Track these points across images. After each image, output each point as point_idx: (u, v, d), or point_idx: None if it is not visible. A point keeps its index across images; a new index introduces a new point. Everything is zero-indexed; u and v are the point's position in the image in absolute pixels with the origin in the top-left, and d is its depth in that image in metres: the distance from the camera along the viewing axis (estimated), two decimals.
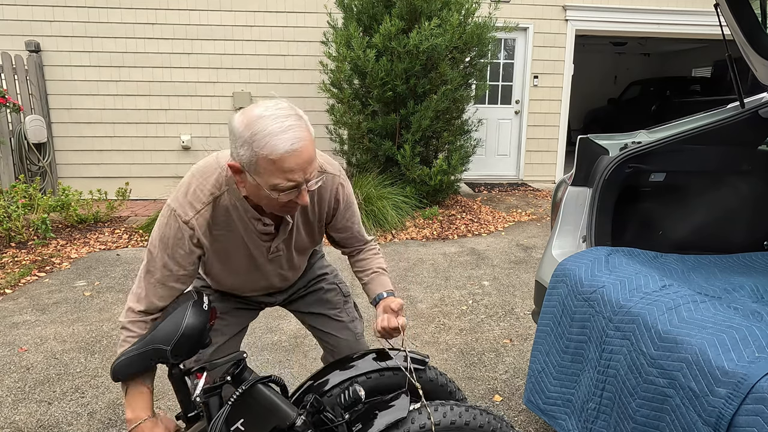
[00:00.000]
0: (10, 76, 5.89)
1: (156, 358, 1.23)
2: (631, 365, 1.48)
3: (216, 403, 1.24)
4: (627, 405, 1.46)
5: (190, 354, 1.28)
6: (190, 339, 1.23)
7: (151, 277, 1.29)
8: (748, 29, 2.06)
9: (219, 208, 1.29)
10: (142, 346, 1.23)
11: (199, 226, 1.27)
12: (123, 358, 1.24)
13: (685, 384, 1.27)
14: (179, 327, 1.22)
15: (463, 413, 1.24)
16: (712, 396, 1.18)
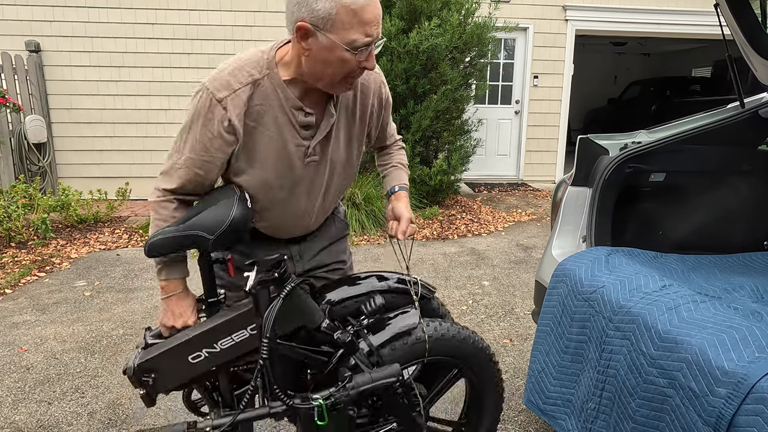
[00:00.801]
0: (10, 76, 5.89)
1: (193, 245, 1.24)
2: (630, 365, 1.48)
3: (265, 296, 1.25)
4: (627, 405, 1.46)
5: (228, 246, 1.29)
6: (235, 232, 1.23)
7: (178, 158, 1.25)
8: (748, 29, 2.06)
9: (258, 92, 1.21)
10: (183, 229, 1.22)
11: (234, 107, 1.19)
12: (159, 237, 1.23)
13: (685, 384, 1.27)
14: (226, 218, 1.22)
15: (450, 328, 1.47)
16: (712, 396, 1.18)
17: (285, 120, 1.25)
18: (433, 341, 1.43)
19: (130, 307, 3.43)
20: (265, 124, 1.24)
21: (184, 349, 1.25)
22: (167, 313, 1.31)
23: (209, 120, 1.20)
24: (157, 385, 1.25)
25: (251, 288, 1.23)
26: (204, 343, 1.26)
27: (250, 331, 1.27)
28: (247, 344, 1.27)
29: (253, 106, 1.22)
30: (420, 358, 1.42)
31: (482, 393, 1.61)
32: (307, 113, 1.26)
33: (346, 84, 1.21)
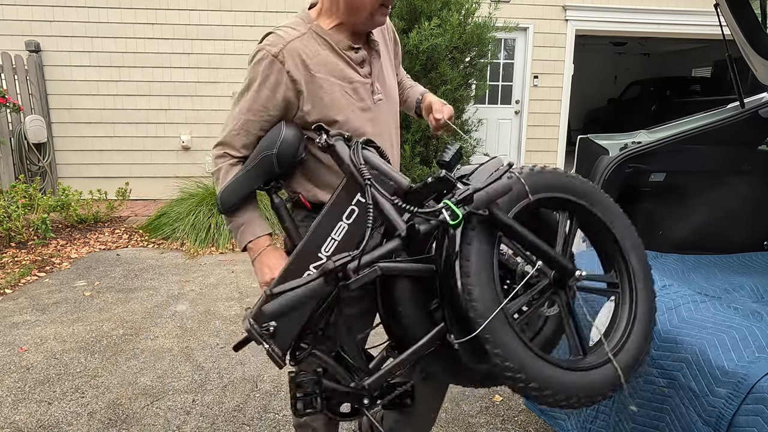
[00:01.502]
0: (10, 76, 5.89)
1: (261, 175, 1.27)
2: None
3: (344, 147, 1.22)
4: (626, 405, 1.46)
5: (290, 166, 1.30)
6: (291, 145, 1.26)
7: (236, 121, 1.31)
8: (748, 29, 2.06)
9: (308, 44, 1.28)
10: (247, 164, 1.28)
11: (290, 57, 1.26)
12: (229, 184, 1.28)
13: (685, 384, 1.27)
14: (279, 134, 1.26)
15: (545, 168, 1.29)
16: (712, 396, 1.18)
17: (341, 62, 1.31)
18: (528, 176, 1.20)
19: (130, 307, 3.43)
20: (325, 72, 1.30)
21: (290, 276, 1.20)
22: (262, 269, 1.33)
23: (267, 77, 1.26)
24: (280, 333, 1.17)
25: (325, 141, 1.20)
26: (307, 258, 1.21)
27: (347, 220, 1.22)
28: (352, 235, 1.20)
29: (308, 57, 1.28)
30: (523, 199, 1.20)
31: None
32: (356, 49, 1.33)
33: (381, 12, 1.28)
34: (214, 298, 3.56)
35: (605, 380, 1.14)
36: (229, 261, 4.37)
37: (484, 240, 1.11)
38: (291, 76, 1.26)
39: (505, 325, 1.08)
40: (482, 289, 1.07)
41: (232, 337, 2.98)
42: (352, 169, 1.17)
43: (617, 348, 1.19)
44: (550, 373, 1.10)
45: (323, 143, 1.21)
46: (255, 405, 2.34)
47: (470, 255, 1.08)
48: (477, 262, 1.09)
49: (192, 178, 5.54)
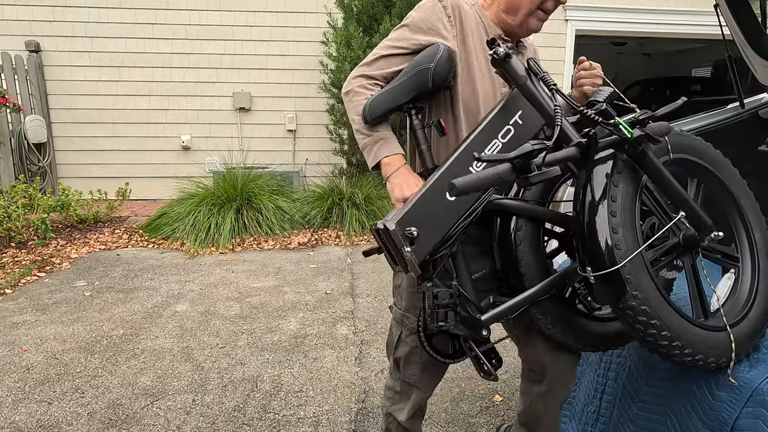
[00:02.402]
0: (10, 76, 5.89)
1: (415, 87, 1.29)
2: (631, 368, 1.47)
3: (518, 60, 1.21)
4: (627, 408, 1.46)
5: (442, 84, 1.32)
6: (447, 63, 1.28)
7: (388, 45, 1.38)
8: (748, 29, 2.06)
9: (468, 14, 1.36)
10: (401, 77, 1.31)
11: (452, 5, 1.34)
12: (379, 95, 1.32)
13: (686, 388, 1.27)
14: (438, 50, 1.28)
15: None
16: (714, 400, 1.18)
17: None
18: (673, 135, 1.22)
19: (130, 307, 3.43)
20: (474, 46, 1.36)
21: (438, 186, 1.19)
22: (398, 186, 1.33)
23: (428, 9, 1.35)
24: (422, 240, 1.17)
25: (505, 50, 1.17)
26: (458, 171, 1.19)
27: (502, 139, 1.22)
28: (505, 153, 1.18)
29: (465, 20, 1.36)
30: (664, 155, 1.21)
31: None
32: (505, 41, 1.40)
33: (537, 17, 1.35)
34: (214, 298, 3.56)
35: (725, 346, 1.16)
36: (229, 261, 4.37)
37: (629, 182, 1.13)
38: (449, 15, 1.35)
39: (644, 269, 1.10)
40: (626, 231, 1.09)
41: (232, 337, 2.99)
42: (531, 79, 1.18)
43: (736, 320, 1.20)
44: (682, 325, 1.12)
45: (501, 54, 1.17)
46: (255, 405, 2.34)
47: (617, 195, 1.11)
48: (622, 203, 1.11)
49: (192, 178, 5.54)
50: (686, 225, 1.20)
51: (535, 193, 1.34)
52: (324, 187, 5.48)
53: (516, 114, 1.25)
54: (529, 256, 1.28)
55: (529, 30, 1.39)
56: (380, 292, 3.67)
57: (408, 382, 1.54)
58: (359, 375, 2.60)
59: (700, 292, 1.23)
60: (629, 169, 1.14)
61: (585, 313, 1.35)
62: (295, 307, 3.43)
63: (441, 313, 1.21)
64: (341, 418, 2.25)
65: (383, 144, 1.37)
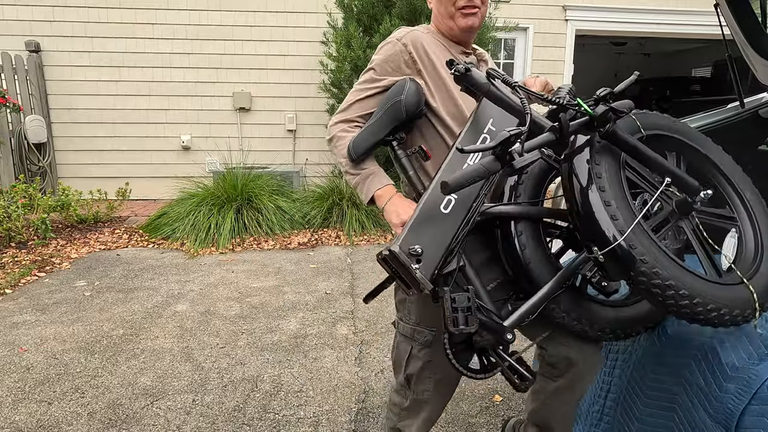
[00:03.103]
0: (10, 76, 5.89)
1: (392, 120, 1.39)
2: (637, 364, 1.47)
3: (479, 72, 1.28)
4: (633, 405, 1.46)
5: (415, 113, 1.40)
6: (416, 93, 1.38)
7: (360, 88, 1.48)
8: (748, 29, 2.06)
9: (428, 41, 1.46)
10: (376, 114, 1.42)
11: (412, 42, 1.44)
12: (360, 134, 1.42)
13: (693, 381, 1.26)
14: (405, 84, 1.39)
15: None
16: (721, 392, 1.18)
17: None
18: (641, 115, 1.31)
19: (130, 307, 3.43)
20: (442, 65, 1.44)
21: (432, 204, 1.25)
22: (393, 213, 1.40)
23: (392, 55, 1.45)
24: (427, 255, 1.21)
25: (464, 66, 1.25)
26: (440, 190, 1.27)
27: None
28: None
29: (428, 49, 1.44)
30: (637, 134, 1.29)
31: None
32: (467, 53, 1.52)
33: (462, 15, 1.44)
34: (214, 298, 3.56)
35: (746, 298, 1.18)
36: (229, 261, 4.37)
37: (610, 160, 1.19)
38: (411, 55, 1.43)
39: (645, 236, 1.14)
40: (618, 203, 1.14)
41: (232, 337, 2.99)
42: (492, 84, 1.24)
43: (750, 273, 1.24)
44: (698, 283, 1.14)
45: (461, 69, 1.25)
46: (255, 405, 2.34)
47: (601, 172, 1.16)
48: (608, 179, 1.17)
49: (192, 178, 5.54)
50: (674, 191, 1.26)
51: (528, 195, 1.39)
52: (324, 187, 5.48)
53: (488, 122, 1.31)
54: (536, 257, 1.31)
55: (462, 30, 1.46)
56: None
57: (420, 399, 1.52)
58: (359, 375, 2.60)
59: (708, 254, 1.26)
60: (606, 150, 1.20)
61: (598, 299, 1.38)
62: (295, 307, 3.43)
63: (461, 317, 1.22)
64: (341, 418, 2.25)
65: (373, 178, 1.45)
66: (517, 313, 1.29)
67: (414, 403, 1.54)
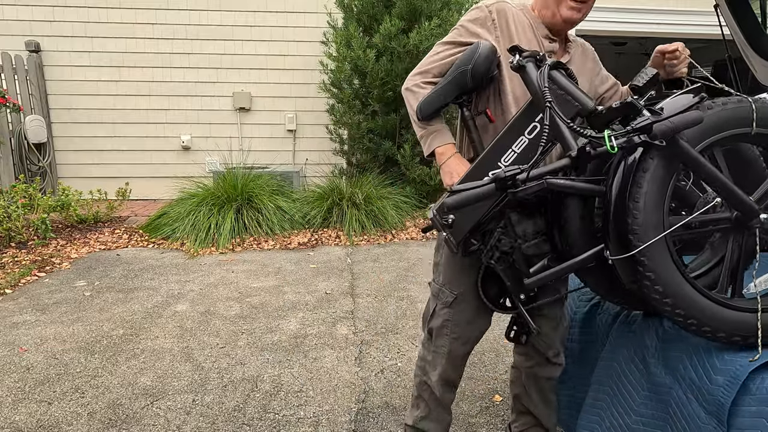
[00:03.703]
0: (10, 76, 5.89)
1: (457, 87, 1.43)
2: (633, 358, 1.48)
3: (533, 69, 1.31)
4: (629, 398, 1.47)
5: (482, 81, 1.44)
6: (485, 62, 1.39)
7: (437, 51, 1.54)
8: (748, 29, 2.06)
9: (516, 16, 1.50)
10: (445, 78, 1.45)
11: (497, 10, 1.49)
12: (427, 97, 1.47)
13: (686, 375, 1.28)
14: (476, 51, 1.40)
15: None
16: (711, 384, 1.20)
17: (535, 43, 1.51)
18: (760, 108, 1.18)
19: (130, 307, 3.43)
20: (520, 41, 1.47)
21: (471, 178, 1.33)
22: (447, 174, 1.50)
23: (475, 19, 1.51)
24: (456, 225, 1.35)
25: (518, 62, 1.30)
26: (489, 165, 1.35)
27: (528, 135, 1.30)
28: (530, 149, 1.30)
29: (510, 21, 1.49)
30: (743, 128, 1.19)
31: None
32: (551, 39, 1.53)
33: (567, 6, 1.45)
34: (214, 298, 3.56)
35: (748, 326, 1.18)
36: (229, 261, 4.37)
37: (661, 169, 1.15)
38: (493, 20, 1.49)
39: (664, 251, 1.14)
40: (647, 215, 1.13)
41: (232, 337, 2.99)
42: (536, 89, 1.26)
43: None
44: (699, 302, 1.16)
45: (515, 63, 1.32)
46: (255, 405, 2.34)
47: (643, 181, 1.14)
48: (648, 189, 1.14)
49: (192, 178, 5.54)
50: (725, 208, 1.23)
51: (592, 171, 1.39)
52: (324, 187, 5.48)
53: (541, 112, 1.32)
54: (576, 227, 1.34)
55: (564, 20, 1.48)
56: (380, 292, 3.67)
57: (438, 353, 1.67)
58: (359, 375, 2.60)
59: (734, 272, 1.25)
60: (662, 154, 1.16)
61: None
62: (295, 307, 3.43)
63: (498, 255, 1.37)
64: (341, 418, 2.25)
65: (436, 135, 1.53)
66: (538, 276, 1.37)
67: (434, 357, 1.68)
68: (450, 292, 1.60)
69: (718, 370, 1.20)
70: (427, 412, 1.75)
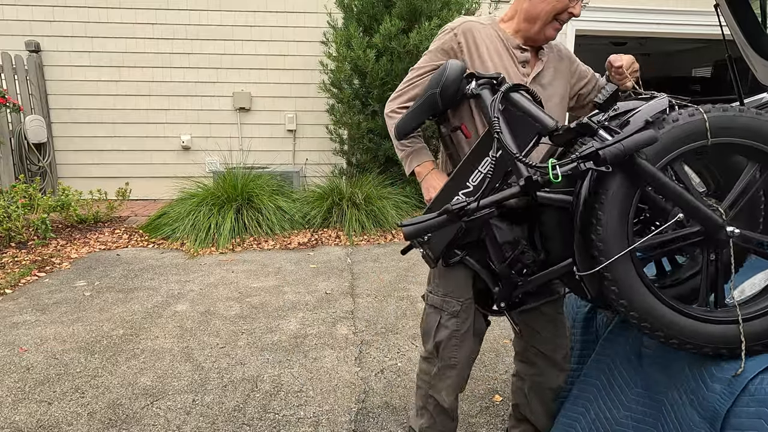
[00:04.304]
0: (10, 76, 5.88)
1: (429, 109, 1.48)
2: (629, 357, 1.48)
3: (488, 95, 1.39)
4: (621, 394, 1.47)
5: (452, 102, 1.47)
6: (455, 82, 1.42)
7: (411, 76, 1.61)
8: (748, 29, 2.06)
9: (484, 32, 1.55)
10: (417, 101, 1.52)
11: (463, 31, 1.54)
12: (402, 119, 1.54)
13: (682, 377, 1.28)
14: (444, 73, 1.44)
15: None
16: (708, 391, 1.20)
17: (507, 56, 1.56)
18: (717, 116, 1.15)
19: (130, 307, 3.43)
20: (490, 56, 1.54)
21: (443, 198, 1.42)
22: (428, 189, 1.59)
23: (443, 43, 1.56)
24: (433, 243, 1.44)
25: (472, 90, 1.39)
26: (458, 185, 1.43)
27: (493, 155, 1.33)
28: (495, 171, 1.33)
29: (478, 38, 1.54)
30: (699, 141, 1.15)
31: None
32: (523, 50, 1.57)
33: (553, 27, 1.53)
34: (214, 298, 3.56)
35: (723, 337, 1.19)
36: (229, 261, 4.37)
37: (622, 186, 1.18)
38: (461, 46, 1.53)
39: (628, 265, 1.17)
40: (610, 232, 1.17)
41: (232, 337, 2.99)
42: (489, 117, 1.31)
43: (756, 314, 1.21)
44: (665, 315, 1.18)
45: (470, 92, 1.41)
46: (255, 405, 2.34)
47: (605, 199, 1.17)
48: (610, 207, 1.17)
49: (192, 178, 5.54)
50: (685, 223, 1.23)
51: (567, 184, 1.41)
52: (324, 187, 5.48)
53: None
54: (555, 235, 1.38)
55: (546, 38, 1.55)
56: (380, 292, 3.67)
57: (448, 365, 1.66)
58: (359, 375, 2.60)
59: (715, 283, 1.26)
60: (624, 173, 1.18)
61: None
62: (295, 307, 3.43)
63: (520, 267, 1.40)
64: (341, 418, 2.25)
65: (414, 156, 1.62)
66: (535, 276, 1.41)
67: (442, 369, 1.67)
68: (456, 301, 1.61)
69: (715, 377, 1.20)
70: (432, 422, 1.76)
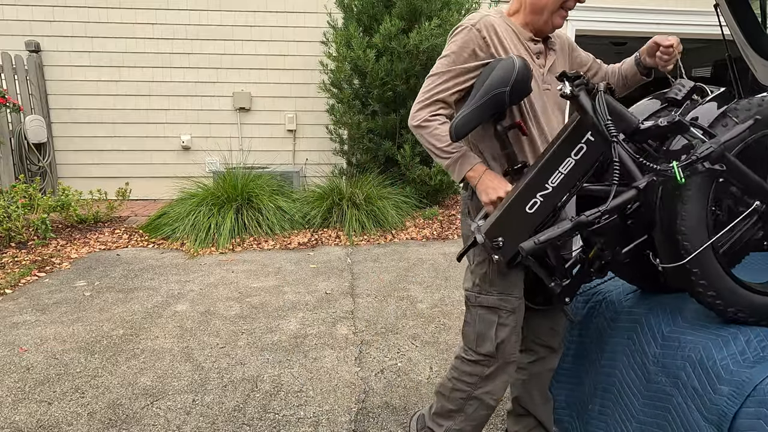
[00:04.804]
0: (10, 76, 5.88)
1: (493, 107, 1.40)
2: (633, 365, 1.48)
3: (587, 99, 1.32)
4: (630, 405, 1.46)
5: (520, 97, 1.43)
6: (525, 77, 1.38)
7: (436, 80, 1.53)
8: (748, 29, 2.06)
9: (498, 27, 1.51)
10: (479, 98, 1.41)
11: (485, 26, 1.50)
12: (460, 117, 1.41)
13: (688, 383, 1.27)
14: (513, 70, 1.36)
15: None
16: (715, 394, 1.19)
17: (523, 49, 1.54)
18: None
19: (130, 307, 3.43)
20: (516, 50, 1.51)
21: (519, 202, 1.37)
22: (485, 191, 1.50)
23: (466, 42, 1.50)
24: (507, 246, 1.39)
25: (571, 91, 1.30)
26: (535, 188, 1.37)
27: (575, 156, 1.32)
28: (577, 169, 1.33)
29: (500, 34, 1.51)
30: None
31: None
32: (536, 41, 1.56)
33: (560, 15, 1.52)
34: (214, 298, 3.56)
35: None
36: (229, 261, 4.37)
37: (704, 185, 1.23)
38: (486, 42, 1.49)
39: (710, 258, 1.23)
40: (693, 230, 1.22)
41: (232, 337, 2.99)
42: (596, 122, 1.27)
43: None
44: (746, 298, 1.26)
45: (568, 93, 1.31)
46: (255, 405, 2.34)
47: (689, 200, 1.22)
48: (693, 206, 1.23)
49: (192, 178, 5.54)
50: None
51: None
52: (324, 187, 5.48)
53: (587, 133, 1.33)
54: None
55: (553, 27, 1.55)
56: (380, 292, 3.67)
57: (509, 361, 1.65)
58: (359, 375, 2.60)
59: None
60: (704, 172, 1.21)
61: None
62: (295, 307, 3.43)
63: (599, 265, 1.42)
64: (341, 418, 2.25)
65: (462, 161, 1.53)
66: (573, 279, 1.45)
67: (501, 367, 1.65)
68: (514, 298, 1.60)
69: (723, 379, 1.19)
70: (463, 425, 1.73)
